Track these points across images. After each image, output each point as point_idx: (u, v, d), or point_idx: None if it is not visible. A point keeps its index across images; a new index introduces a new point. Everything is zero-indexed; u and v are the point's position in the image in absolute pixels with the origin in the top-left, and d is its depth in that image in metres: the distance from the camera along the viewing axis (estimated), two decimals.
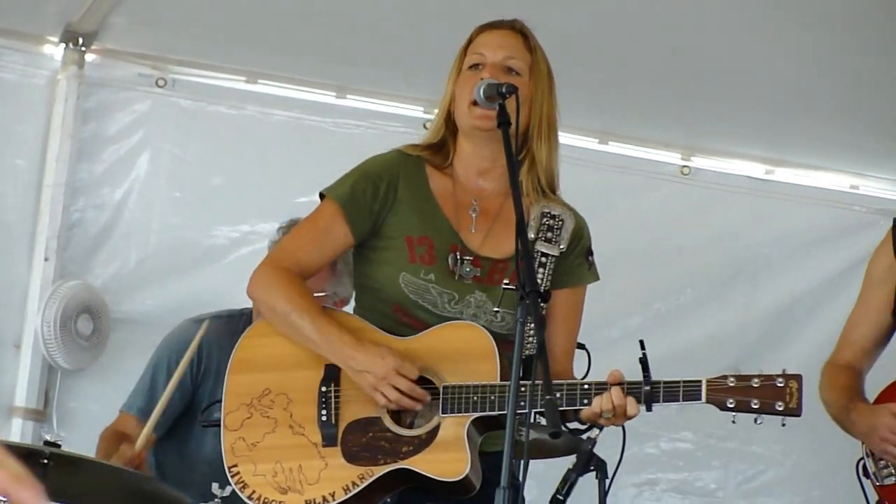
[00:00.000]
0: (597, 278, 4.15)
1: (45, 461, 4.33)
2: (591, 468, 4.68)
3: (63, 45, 6.17)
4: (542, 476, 4.94)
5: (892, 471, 4.54)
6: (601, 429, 4.29)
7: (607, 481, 4.69)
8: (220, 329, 5.24)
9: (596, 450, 4.64)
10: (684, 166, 6.69)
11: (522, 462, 3.45)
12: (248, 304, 5.12)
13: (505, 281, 3.93)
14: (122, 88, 6.28)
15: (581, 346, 4.25)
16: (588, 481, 4.64)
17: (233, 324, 5.28)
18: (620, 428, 4.31)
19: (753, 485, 6.69)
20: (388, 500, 3.90)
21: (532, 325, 3.69)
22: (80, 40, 6.15)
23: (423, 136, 4.23)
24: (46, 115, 6.17)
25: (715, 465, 6.67)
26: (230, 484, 4.55)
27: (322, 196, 4.10)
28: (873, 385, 4.84)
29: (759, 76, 6.06)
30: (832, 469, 6.26)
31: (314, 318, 3.93)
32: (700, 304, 6.65)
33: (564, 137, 6.38)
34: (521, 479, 3.47)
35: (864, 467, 4.64)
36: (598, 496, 4.66)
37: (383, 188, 4.03)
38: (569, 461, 4.74)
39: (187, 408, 5.33)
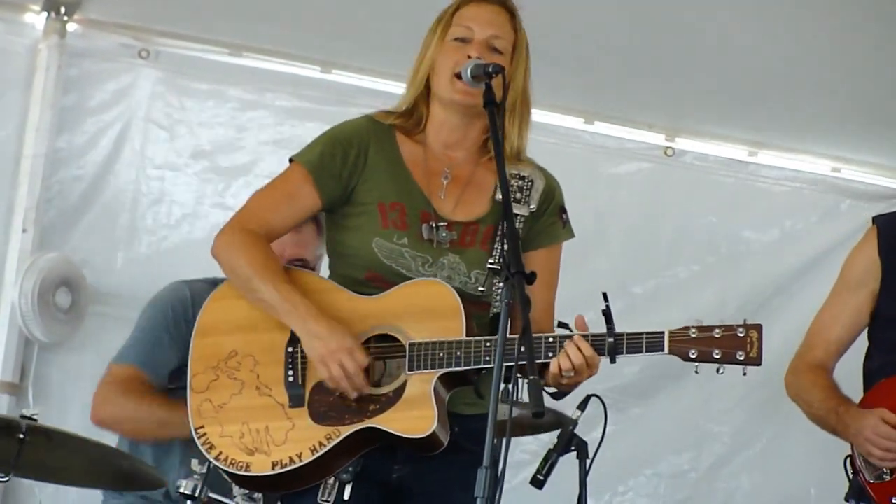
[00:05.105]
0: (572, 235, 4.12)
1: (22, 435, 4.31)
2: (572, 448, 4.69)
3: (45, 13, 6.11)
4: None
5: (884, 471, 4.56)
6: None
7: (587, 461, 4.70)
8: (207, 293, 5.17)
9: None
10: (668, 147, 6.68)
11: (504, 442, 3.45)
12: None
13: (490, 261, 3.92)
14: (104, 59, 6.24)
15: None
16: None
17: None
18: (602, 411, 4.33)
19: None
20: (350, 468, 3.85)
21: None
22: (63, 9, 6.10)
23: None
24: (27, 84, 6.11)
25: None
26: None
27: (291, 161, 4.07)
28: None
29: (743, 59, 6.06)
30: None
31: (276, 283, 3.89)
32: (679, 287, 6.64)
33: (550, 117, 6.50)
34: (502, 459, 3.47)
35: (853, 462, 4.65)
36: (579, 476, 4.67)
37: (353, 154, 4.00)
38: (549, 442, 4.75)
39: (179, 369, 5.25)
